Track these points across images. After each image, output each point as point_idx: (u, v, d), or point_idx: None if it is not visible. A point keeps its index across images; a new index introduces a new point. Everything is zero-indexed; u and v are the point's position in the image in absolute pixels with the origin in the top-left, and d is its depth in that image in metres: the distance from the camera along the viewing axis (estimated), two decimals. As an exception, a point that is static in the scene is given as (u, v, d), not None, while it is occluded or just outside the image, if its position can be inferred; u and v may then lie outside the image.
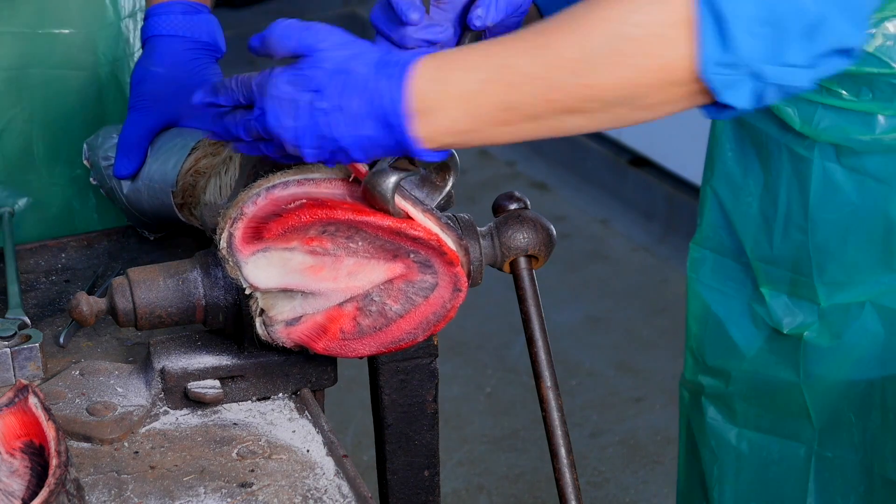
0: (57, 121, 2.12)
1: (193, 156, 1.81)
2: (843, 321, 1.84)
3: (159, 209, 1.87)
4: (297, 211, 1.51)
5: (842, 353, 1.85)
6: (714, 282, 1.96)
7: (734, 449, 1.99)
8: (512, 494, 3.46)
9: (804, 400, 1.90)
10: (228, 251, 1.54)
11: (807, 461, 1.94)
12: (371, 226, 1.52)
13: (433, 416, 1.76)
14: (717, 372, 1.97)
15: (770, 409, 1.94)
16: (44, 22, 2.08)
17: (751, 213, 1.87)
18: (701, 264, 1.97)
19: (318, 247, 1.54)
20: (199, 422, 1.63)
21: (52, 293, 1.86)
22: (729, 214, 1.90)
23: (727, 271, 1.93)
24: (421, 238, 1.53)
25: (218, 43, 1.97)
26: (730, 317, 1.94)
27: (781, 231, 1.84)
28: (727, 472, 2.00)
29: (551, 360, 1.65)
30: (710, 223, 1.94)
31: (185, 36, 1.95)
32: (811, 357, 1.87)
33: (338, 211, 1.52)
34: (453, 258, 1.54)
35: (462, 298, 1.57)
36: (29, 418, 1.41)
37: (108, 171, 1.93)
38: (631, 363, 3.90)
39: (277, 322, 1.57)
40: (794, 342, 1.88)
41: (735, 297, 1.93)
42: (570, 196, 4.77)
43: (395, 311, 1.57)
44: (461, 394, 3.79)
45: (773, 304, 1.88)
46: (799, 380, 1.89)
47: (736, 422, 1.98)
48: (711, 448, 2.01)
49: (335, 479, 1.54)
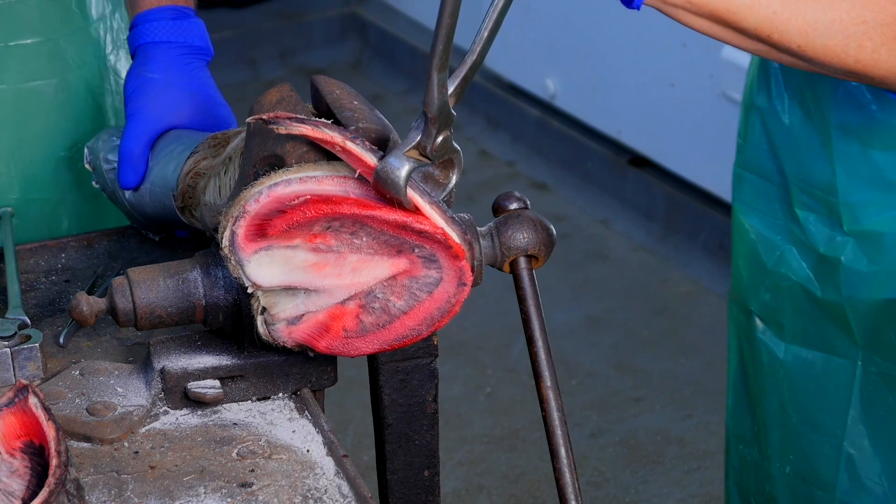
0: (30, 134, 2.11)
1: (193, 158, 1.81)
2: (879, 248, 1.88)
3: (162, 212, 1.87)
4: (302, 206, 1.51)
5: (881, 278, 1.90)
6: (757, 203, 2.00)
7: (781, 363, 2.03)
8: (512, 494, 3.46)
9: (847, 318, 1.94)
10: (231, 250, 1.54)
11: (851, 375, 1.98)
12: (376, 220, 1.52)
13: (433, 416, 1.76)
14: (768, 287, 2.02)
15: (815, 325, 1.99)
16: (6, 35, 2.06)
17: (792, 132, 1.92)
18: (743, 185, 2.02)
19: (321, 244, 1.53)
20: (199, 422, 1.63)
21: (52, 293, 1.86)
22: (771, 135, 1.95)
23: (769, 193, 1.98)
24: (427, 232, 1.53)
25: (209, 46, 1.98)
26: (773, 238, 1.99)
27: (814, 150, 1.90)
28: (775, 385, 2.05)
29: (551, 360, 1.65)
30: (754, 144, 1.99)
31: (177, 41, 1.95)
32: (851, 281, 1.92)
33: (343, 206, 1.51)
34: (459, 252, 1.54)
35: (467, 293, 1.56)
36: (29, 418, 1.42)
37: (110, 175, 1.93)
38: (631, 363, 3.90)
39: (279, 320, 1.57)
40: (834, 264, 1.92)
41: (778, 219, 1.98)
42: (570, 196, 4.78)
43: (399, 308, 1.56)
44: (461, 394, 3.79)
45: (807, 226, 1.93)
46: (842, 300, 1.93)
47: (784, 337, 2.02)
48: (762, 363, 2.05)
49: (335, 479, 1.54)
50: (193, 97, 1.93)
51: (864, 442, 2.00)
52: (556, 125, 4.89)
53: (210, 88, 1.96)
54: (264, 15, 5.90)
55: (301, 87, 1.61)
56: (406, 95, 5.48)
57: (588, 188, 4.77)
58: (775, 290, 2.00)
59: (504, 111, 5.13)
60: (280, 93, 1.65)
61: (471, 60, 1.53)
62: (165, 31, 1.95)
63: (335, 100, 1.63)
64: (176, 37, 1.95)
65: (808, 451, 2.04)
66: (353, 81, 5.44)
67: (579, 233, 4.57)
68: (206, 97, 1.95)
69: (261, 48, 5.73)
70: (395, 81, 5.58)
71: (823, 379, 2.00)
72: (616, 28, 4.52)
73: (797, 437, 2.05)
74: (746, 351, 2.09)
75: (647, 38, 4.35)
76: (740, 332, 2.12)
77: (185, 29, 1.96)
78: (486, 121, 5.18)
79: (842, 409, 2.00)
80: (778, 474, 2.08)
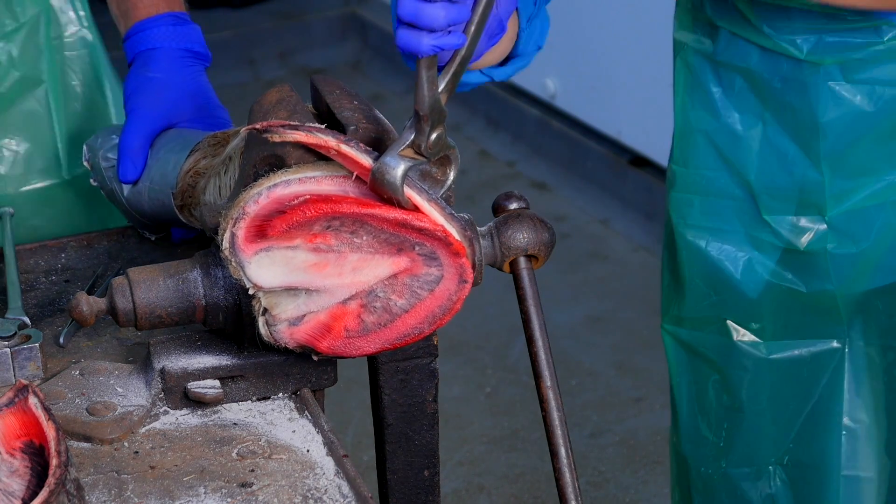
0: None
1: (193, 157, 1.81)
2: (863, 226, 1.92)
3: (160, 210, 1.87)
4: (302, 206, 1.51)
5: (868, 257, 1.93)
6: (709, 223, 2.02)
7: (767, 362, 2.04)
8: (512, 494, 3.46)
9: (836, 302, 1.97)
10: (231, 251, 1.54)
11: (840, 354, 2.01)
12: (376, 218, 1.52)
13: (433, 416, 1.76)
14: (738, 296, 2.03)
15: (797, 318, 2.01)
16: None
17: (753, 147, 1.94)
18: (691, 210, 2.03)
19: (321, 243, 1.54)
20: (199, 422, 1.63)
21: (52, 293, 1.86)
22: (726, 154, 1.97)
23: (722, 209, 2.00)
24: (427, 229, 1.53)
25: (207, 52, 1.99)
26: (734, 251, 2.00)
27: (790, 157, 1.92)
28: (762, 386, 2.06)
29: (551, 360, 1.65)
30: (698, 167, 2.00)
31: (178, 47, 1.96)
32: (839, 265, 1.94)
33: (343, 205, 1.52)
34: (459, 248, 1.54)
35: (468, 290, 1.56)
36: (29, 418, 1.42)
37: (109, 173, 1.93)
38: (631, 363, 3.90)
39: (281, 321, 1.57)
40: (818, 256, 1.95)
41: (738, 231, 1.99)
42: (570, 196, 4.78)
43: (400, 307, 1.56)
44: (461, 394, 3.79)
45: (779, 229, 1.95)
46: (832, 287, 1.96)
47: (765, 336, 2.03)
48: (745, 367, 2.06)
49: (335, 479, 1.54)
50: (193, 98, 1.94)
51: (861, 416, 2.03)
52: (555, 125, 4.89)
53: (209, 92, 1.97)
54: (264, 15, 5.90)
55: (301, 87, 1.61)
56: (406, 95, 5.48)
57: (588, 188, 4.77)
58: (745, 298, 2.01)
59: (504, 111, 5.13)
60: (280, 93, 1.65)
61: (459, 56, 1.53)
62: (166, 38, 1.97)
63: (335, 100, 1.63)
64: (177, 42, 1.97)
65: (808, 437, 2.06)
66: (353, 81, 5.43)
67: (579, 233, 4.56)
68: (205, 99, 1.96)
69: (261, 48, 5.74)
70: (395, 81, 5.58)
71: (813, 365, 2.02)
72: (616, 28, 4.52)
73: (792, 428, 2.07)
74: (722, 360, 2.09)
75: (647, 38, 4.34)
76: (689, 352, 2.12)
77: (185, 35, 1.98)
78: (486, 121, 5.19)
79: (837, 389, 2.02)
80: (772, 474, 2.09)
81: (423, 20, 1.49)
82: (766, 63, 1.90)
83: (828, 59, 1.84)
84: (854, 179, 1.91)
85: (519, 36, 1.79)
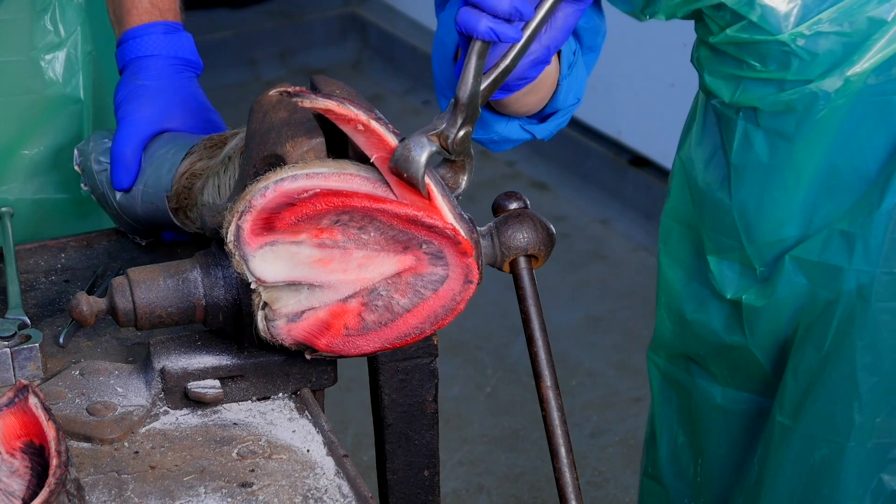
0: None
1: (188, 160, 1.81)
2: (773, 279, 1.88)
3: (153, 214, 1.86)
4: (313, 199, 1.51)
5: (775, 310, 1.89)
6: (680, 253, 2.00)
7: (719, 407, 2.02)
8: (512, 494, 3.46)
9: (757, 359, 1.94)
10: (235, 244, 1.54)
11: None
12: (387, 213, 1.52)
13: (433, 416, 1.76)
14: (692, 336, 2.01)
15: (738, 369, 1.98)
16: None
17: (704, 179, 1.91)
18: (671, 236, 2.01)
19: (327, 239, 1.53)
20: (199, 422, 1.63)
21: (52, 293, 1.86)
22: (691, 183, 1.94)
23: (690, 241, 1.98)
24: (437, 227, 1.52)
25: (198, 61, 2.00)
26: (696, 287, 1.97)
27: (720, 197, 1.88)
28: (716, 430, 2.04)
29: (551, 360, 1.65)
30: (677, 194, 1.98)
31: (169, 55, 1.97)
32: (752, 318, 1.91)
33: (353, 199, 1.51)
34: (467, 248, 1.54)
35: (472, 291, 1.56)
36: (29, 418, 1.42)
37: (101, 177, 1.92)
38: (631, 363, 3.90)
39: (280, 316, 1.57)
40: (738, 306, 1.91)
41: (697, 267, 1.97)
42: (570, 196, 4.78)
43: (402, 306, 1.56)
44: (461, 394, 3.79)
45: (716, 271, 1.92)
46: (747, 341, 1.92)
47: (717, 381, 2.01)
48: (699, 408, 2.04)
49: (335, 479, 1.54)
50: (184, 102, 1.94)
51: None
52: (556, 125, 4.89)
53: (201, 96, 1.98)
54: (264, 15, 5.90)
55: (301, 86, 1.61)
56: (406, 95, 5.48)
57: (588, 188, 4.77)
58: (697, 339, 1.99)
59: (504, 111, 5.12)
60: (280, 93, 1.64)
61: (503, 65, 1.54)
62: (157, 46, 1.97)
63: (335, 100, 1.63)
64: (167, 51, 1.97)
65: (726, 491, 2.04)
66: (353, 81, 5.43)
67: (579, 233, 4.57)
68: (197, 103, 1.96)
69: (261, 48, 5.73)
70: (395, 81, 5.58)
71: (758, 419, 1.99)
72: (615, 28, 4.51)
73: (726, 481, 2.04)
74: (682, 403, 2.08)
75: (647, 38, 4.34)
76: (669, 383, 2.10)
77: (176, 43, 1.98)
78: (486, 121, 5.18)
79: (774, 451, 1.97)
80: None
81: (488, 2, 1.50)
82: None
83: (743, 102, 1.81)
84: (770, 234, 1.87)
85: (559, 84, 1.78)
